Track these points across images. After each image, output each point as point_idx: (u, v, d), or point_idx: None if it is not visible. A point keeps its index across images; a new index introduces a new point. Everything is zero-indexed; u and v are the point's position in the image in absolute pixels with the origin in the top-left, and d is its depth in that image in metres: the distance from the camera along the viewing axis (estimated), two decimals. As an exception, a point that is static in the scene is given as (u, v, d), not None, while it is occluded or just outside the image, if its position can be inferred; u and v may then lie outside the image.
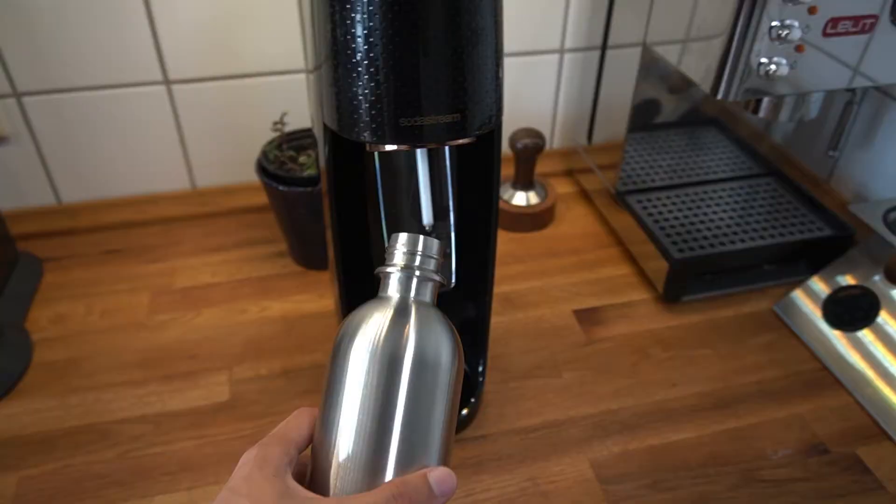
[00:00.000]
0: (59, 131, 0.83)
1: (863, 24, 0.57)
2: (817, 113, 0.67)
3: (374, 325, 0.37)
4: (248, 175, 0.80)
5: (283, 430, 0.38)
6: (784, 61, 0.58)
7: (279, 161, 0.73)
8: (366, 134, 0.42)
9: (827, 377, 0.68)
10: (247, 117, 0.87)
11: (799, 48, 0.57)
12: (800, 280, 0.75)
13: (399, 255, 0.39)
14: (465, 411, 0.63)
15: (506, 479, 0.59)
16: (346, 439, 0.36)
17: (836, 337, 0.69)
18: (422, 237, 0.38)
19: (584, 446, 0.61)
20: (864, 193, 0.82)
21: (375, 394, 0.36)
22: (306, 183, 0.71)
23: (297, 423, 0.38)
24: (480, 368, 0.64)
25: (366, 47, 0.39)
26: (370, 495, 0.34)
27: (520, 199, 0.86)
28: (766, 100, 0.66)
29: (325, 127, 0.45)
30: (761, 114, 0.67)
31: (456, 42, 0.40)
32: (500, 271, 0.80)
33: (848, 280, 0.71)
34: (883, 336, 0.66)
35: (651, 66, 0.80)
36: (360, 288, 0.58)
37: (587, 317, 0.75)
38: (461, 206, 0.54)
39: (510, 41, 0.89)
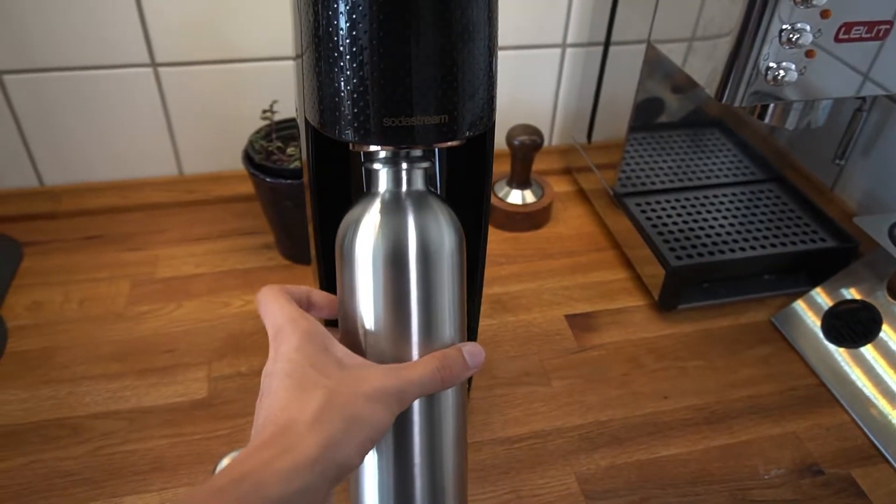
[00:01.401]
0: (42, 112, 0.81)
1: (877, 31, 0.55)
2: (825, 121, 0.65)
3: (373, 223, 0.39)
4: (238, 163, 0.78)
5: (305, 292, 0.41)
6: (793, 66, 0.55)
7: (266, 151, 0.70)
8: (348, 132, 0.39)
9: (824, 394, 0.66)
10: (237, 104, 0.84)
11: (809, 53, 0.55)
12: (800, 292, 0.73)
13: (383, 151, 0.40)
14: None
15: (488, 490, 0.57)
16: (371, 332, 0.39)
17: (836, 352, 0.67)
18: None
19: (571, 459, 0.59)
20: (869, 204, 0.79)
21: (389, 292, 0.38)
22: (294, 175, 0.68)
23: (317, 296, 0.42)
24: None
25: (349, 41, 0.37)
26: (419, 364, 0.38)
27: (515, 197, 0.84)
28: (772, 105, 0.63)
29: (307, 122, 0.42)
30: (767, 120, 0.64)
31: (445, 38, 0.37)
32: (492, 272, 0.79)
33: (850, 294, 0.69)
34: (884, 353, 0.64)
35: (655, 64, 0.77)
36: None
37: (579, 322, 0.72)
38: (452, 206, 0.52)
39: (509, 33, 0.87)
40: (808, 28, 0.53)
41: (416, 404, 0.39)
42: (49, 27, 0.75)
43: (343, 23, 0.37)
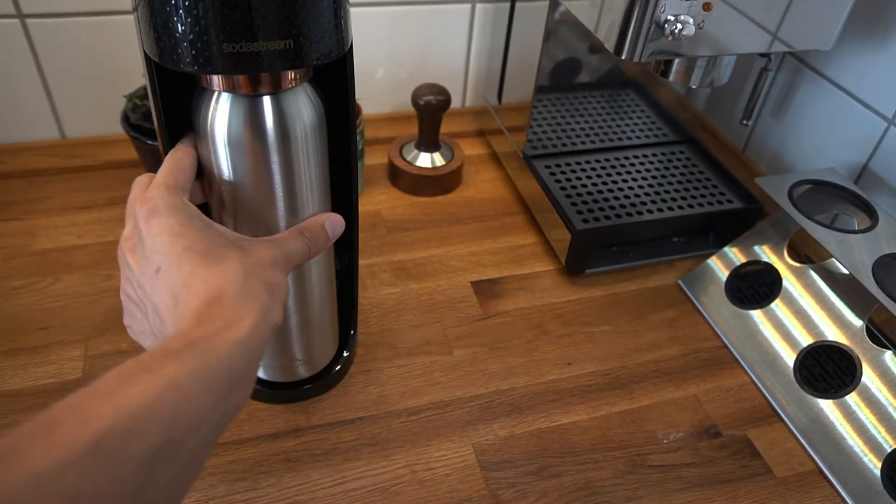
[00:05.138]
0: None
1: (775, -17, 0.53)
2: (728, 78, 0.63)
3: (224, 116, 0.41)
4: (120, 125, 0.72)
5: (175, 177, 0.41)
6: (691, 20, 0.53)
7: (144, 111, 0.65)
8: (187, 61, 0.36)
9: (726, 356, 0.66)
10: (122, 61, 0.77)
11: (706, 6, 0.53)
12: (708, 254, 0.72)
13: None
14: (337, 367, 0.59)
15: (381, 465, 0.54)
16: (240, 210, 0.44)
17: (739, 314, 0.66)
18: None
19: (469, 430, 0.57)
20: (778, 166, 0.79)
21: (251, 176, 0.43)
22: (176, 136, 0.63)
23: (182, 166, 0.42)
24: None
25: None
26: (292, 237, 0.43)
27: (424, 160, 0.81)
28: (675, 62, 0.62)
29: (146, 56, 0.38)
30: (671, 77, 0.63)
31: None
32: (398, 238, 0.76)
33: (754, 255, 0.68)
34: (782, 314, 0.64)
35: (563, 23, 0.74)
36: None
37: (485, 289, 0.70)
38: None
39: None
40: (703, -22, 0.51)
41: None
42: None
43: None
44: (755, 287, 0.69)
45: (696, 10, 0.54)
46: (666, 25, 0.54)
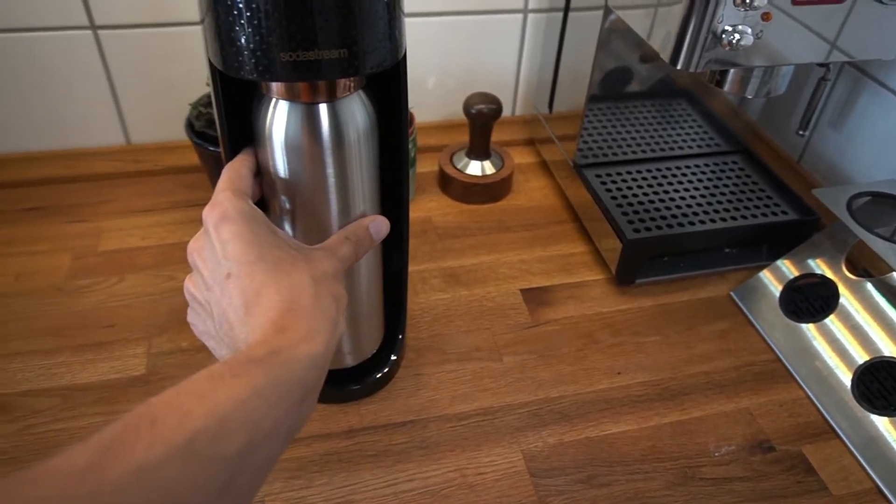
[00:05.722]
0: (-22, 77, 0.77)
1: (836, -7, 0.52)
2: (785, 88, 0.63)
3: (282, 122, 0.43)
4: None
5: (238, 183, 0.43)
6: (749, 30, 0.53)
7: (208, 118, 0.67)
8: (248, 69, 0.38)
9: (780, 370, 0.65)
10: (185, 69, 0.80)
11: (765, 16, 0.52)
12: (761, 266, 0.71)
13: None
14: (385, 370, 0.60)
15: (432, 468, 0.55)
16: (296, 209, 0.47)
17: (794, 327, 0.65)
18: None
19: (519, 436, 0.58)
20: (834, 177, 0.78)
21: (306, 177, 0.45)
22: (237, 143, 0.65)
23: (242, 172, 0.44)
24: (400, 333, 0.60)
25: None
26: (341, 244, 0.45)
27: (474, 168, 0.82)
28: (731, 73, 0.61)
29: (211, 65, 0.40)
30: (726, 87, 0.62)
31: None
32: (448, 244, 0.77)
33: (809, 268, 0.67)
34: (841, 328, 0.62)
35: (620, 31, 0.74)
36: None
37: (535, 297, 0.71)
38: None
39: (469, -2, 0.84)
40: (763, -11, 0.51)
41: None
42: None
43: None
44: (810, 300, 0.68)
45: (755, 20, 0.53)
46: (723, 35, 0.53)
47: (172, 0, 0.76)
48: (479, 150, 0.81)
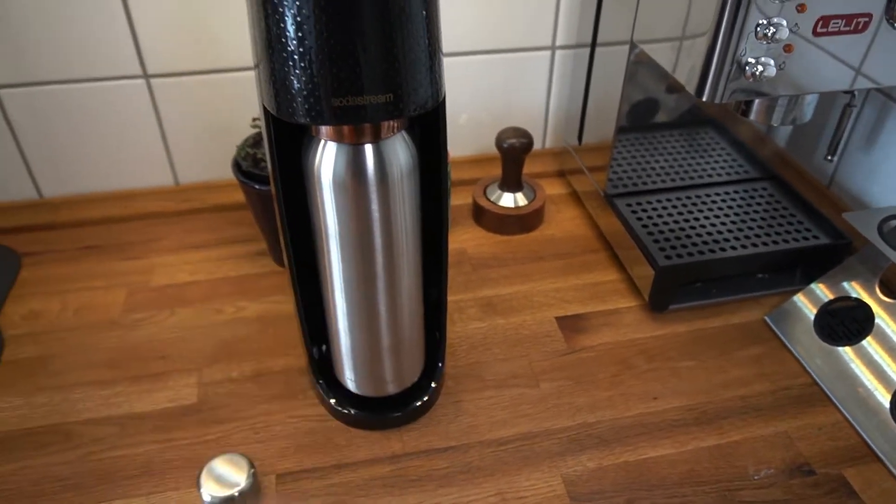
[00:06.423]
0: (39, 125, 0.82)
1: (856, 23, 0.54)
2: (811, 116, 0.64)
3: (330, 162, 0.46)
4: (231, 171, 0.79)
5: None
6: (772, 62, 0.55)
7: (254, 159, 0.71)
8: (300, 114, 0.41)
9: (817, 393, 0.65)
10: (228, 112, 0.85)
11: (787, 48, 0.54)
12: (794, 290, 0.72)
13: None
14: (425, 398, 0.62)
15: (473, 492, 0.57)
16: (343, 245, 0.50)
17: (829, 350, 0.66)
18: None
19: (558, 461, 0.59)
20: (864, 200, 0.78)
21: (352, 213, 0.48)
22: (282, 182, 0.69)
23: None
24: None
25: (300, 34, 0.39)
26: None
27: (507, 200, 0.84)
28: (756, 102, 0.63)
29: (265, 110, 0.44)
30: (752, 117, 0.64)
31: (384, 23, 0.39)
32: (483, 274, 0.79)
33: (843, 291, 0.68)
34: (878, 351, 0.63)
35: (644, 64, 0.77)
36: (316, 288, 0.56)
37: (570, 324, 0.72)
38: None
39: (499, 37, 0.87)
40: (784, 23, 0.53)
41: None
42: (43, 42, 0.76)
43: (290, 22, 0.39)
44: (845, 324, 0.68)
45: (777, 52, 0.55)
46: (747, 67, 0.55)
47: (217, 49, 0.81)
48: (511, 182, 0.83)
